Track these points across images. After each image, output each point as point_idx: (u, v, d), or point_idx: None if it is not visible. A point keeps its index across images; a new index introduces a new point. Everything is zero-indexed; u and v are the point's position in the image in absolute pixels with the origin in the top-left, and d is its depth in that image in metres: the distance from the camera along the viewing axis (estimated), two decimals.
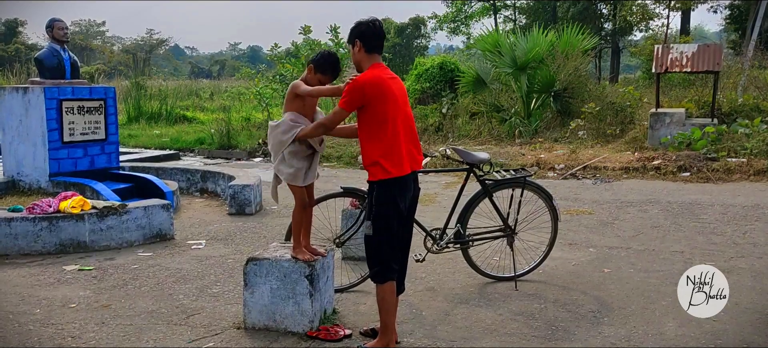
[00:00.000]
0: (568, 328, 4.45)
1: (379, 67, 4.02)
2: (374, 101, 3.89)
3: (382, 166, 3.91)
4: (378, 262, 4.04)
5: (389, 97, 3.92)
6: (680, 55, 13.03)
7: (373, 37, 4.02)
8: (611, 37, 33.62)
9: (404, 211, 4.06)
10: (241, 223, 7.72)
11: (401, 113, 4.01)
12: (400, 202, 3.99)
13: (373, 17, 4.09)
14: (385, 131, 3.91)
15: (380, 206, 3.98)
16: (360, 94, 3.87)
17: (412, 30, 44.07)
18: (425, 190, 10.02)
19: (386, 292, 4.04)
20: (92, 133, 8.56)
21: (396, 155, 3.93)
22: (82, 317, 4.64)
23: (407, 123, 4.06)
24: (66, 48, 8.55)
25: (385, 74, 4.00)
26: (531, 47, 15.70)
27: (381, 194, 3.97)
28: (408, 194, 4.07)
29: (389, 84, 3.95)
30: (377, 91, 3.88)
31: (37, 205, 6.49)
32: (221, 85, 35.05)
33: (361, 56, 4.04)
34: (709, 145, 11.39)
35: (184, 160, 14.57)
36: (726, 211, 8.02)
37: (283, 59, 17.75)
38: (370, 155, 3.94)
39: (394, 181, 3.94)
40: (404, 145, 3.99)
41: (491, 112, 16.35)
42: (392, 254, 4.06)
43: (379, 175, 3.93)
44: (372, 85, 3.88)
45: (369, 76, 3.91)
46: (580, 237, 6.95)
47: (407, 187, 4.04)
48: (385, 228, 3.99)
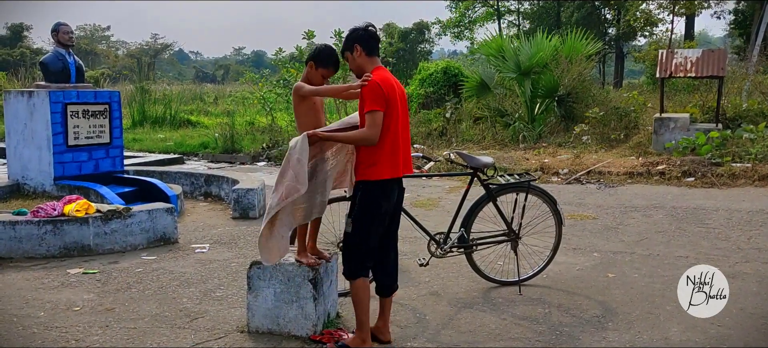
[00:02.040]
0: (572, 333, 4.43)
1: (383, 69, 4.04)
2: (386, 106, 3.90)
3: (377, 168, 3.93)
4: (352, 260, 4.06)
5: (394, 102, 3.94)
6: (684, 60, 13.02)
7: (371, 39, 4.04)
8: (615, 42, 33.63)
9: (388, 212, 4.09)
10: (245, 227, 7.73)
11: (402, 118, 4.04)
12: (384, 203, 4.02)
13: (368, 22, 4.11)
14: (387, 134, 3.91)
15: (365, 206, 4.00)
16: (383, 94, 3.86)
17: (415, 35, 44.10)
18: (429, 194, 10.02)
19: (359, 288, 4.06)
20: (97, 136, 8.58)
21: (393, 159, 3.97)
22: (86, 320, 4.64)
23: (405, 126, 4.10)
24: (71, 52, 8.58)
25: (390, 77, 4.02)
26: (535, 52, 15.70)
27: (368, 194, 3.99)
28: (394, 196, 4.09)
29: (393, 87, 3.97)
30: (389, 94, 3.90)
31: (41, 208, 6.51)
32: (225, 89, 35.16)
33: (362, 60, 4.03)
34: (714, 150, 11.36)
35: (188, 164, 14.60)
36: (731, 217, 8.00)
37: (286, 64, 17.78)
38: (371, 156, 3.94)
39: (384, 183, 3.97)
40: (401, 149, 4.03)
41: (495, 116, 16.34)
42: (368, 253, 4.09)
43: (372, 175, 3.94)
44: (386, 87, 3.89)
45: (381, 78, 3.91)
46: (585, 242, 6.94)
47: (393, 189, 4.07)
48: (366, 228, 4.02)
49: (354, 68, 4.08)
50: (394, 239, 4.33)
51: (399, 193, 4.18)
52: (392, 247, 4.31)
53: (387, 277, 4.28)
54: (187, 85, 38.12)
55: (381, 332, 4.22)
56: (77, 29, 70.52)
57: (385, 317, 4.25)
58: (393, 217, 4.22)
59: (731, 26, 32.13)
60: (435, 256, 5.27)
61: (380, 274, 4.27)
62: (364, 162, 3.98)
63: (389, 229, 4.21)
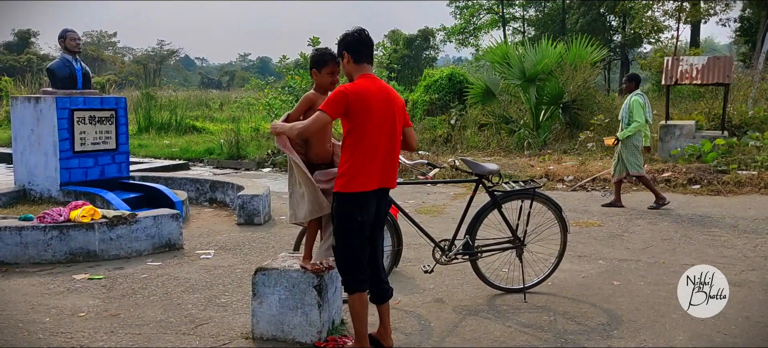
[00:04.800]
0: (577, 341, 4.42)
1: (367, 77, 3.93)
2: (356, 114, 3.81)
3: (346, 180, 3.85)
4: (346, 273, 4.02)
5: (373, 111, 3.82)
6: (690, 67, 13.00)
7: (360, 45, 3.95)
8: (620, 49, 33.61)
9: (366, 223, 3.97)
10: (250, 233, 7.74)
11: (386, 129, 3.91)
12: (358, 215, 3.91)
13: (360, 27, 4.02)
14: (360, 146, 3.83)
15: (339, 219, 3.95)
16: (343, 102, 3.78)
17: (421, 42, 44.19)
18: (434, 200, 10.02)
19: (354, 301, 4.00)
20: (103, 142, 8.62)
21: (365, 171, 3.85)
22: (92, 326, 4.65)
23: (391, 138, 3.95)
24: (78, 58, 8.63)
25: (374, 86, 3.90)
26: (540, 59, 15.71)
27: (339, 207, 3.94)
28: (370, 208, 3.97)
29: (374, 97, 3.85)
30: (360, 104, 3.80)
31: (47, 214, 6.53)
32: (231, 95, 35.22)
33: (350, 67, 3.98)
34: (720, 158, 11.33)
35: (193, 170, 14.63)
36: (737, 224, 7.97)
37: (291, 70, 17.86)
38: (342, 165, 3.90)
39: (353, 196, 3.87)
40: (378, 162, 3.90)
41: (500, 123, 16.35)
42: (358, 266, 4.00)
43: (344, 188, 3.87)
44: (356, 96, 3.80)
45: (355, 87, 3.84)
46: (590, 249, 6.92)
47: (368, 202, 3.94)
48: (347, 240, 3.96)
49: (345, 74, 4.05)
50: (380, 248, 4.23)
51: (380, 205, 4.06)
52: (379, 255, 4.21)
53: (375, 283, 4.17)
54: (193, 91, 38.29)
55: (383, 338, 4.18)
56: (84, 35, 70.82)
57: (384, 323, 4.19)
58: (375, 228, 4.11)
59: (737, 33, 32.07)
60: (440, 263, 5.27)
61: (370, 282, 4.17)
62: (339, 173, 3.92)
63: (372, 238, 4.11)
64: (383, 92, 3.94)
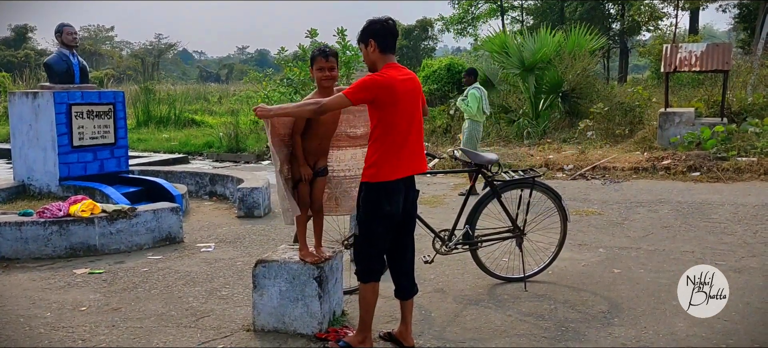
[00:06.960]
0: (578, 328, 4.43)
1: (393, 67, 3.91)
2: (383, 105, 3.79)
3: (375, 169, 3.84)
4: (361, 262, 4.00)
5: (399, 101, 3.81)
6: (689, 54, 12.97)
7: (388, 35, 3.91)
8: (619, 37, 33.52)
9: (395, 214, 3.94)
10: (250, 226, 7.74)
11: (412, 117, 3.91)
12: (386, 205, 3.89)
13: (387, 16, 3.99)
14: (389, 137, 3.82)
15: (366, 208, 3.93)
16: (371, 94, 3.76)
17: (419, 32, 44.10)
18: (433, 191, 10.02)
19: (367, 291, 3.98)
20: (102, 137, 8.60)
21: (393, 160, 3.85)
22: (93, 320, 4.66)
23: (416, 125, 3.96)
24: (75, 53, 8.60)
25: (399, 75, 3.87)
26: (538, 48, 15.68)
27: (367, 196, 3.91)
28: (398, 198, 3.95)
29: (402, 87, 3.84)
30: (388, 96, 3.77)
31: (47, 209, 6.53)
32: (229, 88, 35.18)
33: (375, 56, 3.93)
34: (719, 145, 11.32)
35: (192, 164, 14.64)
36: (736, 211, 7.97)
37: (290, 63, 17.79)
38: (371, 156, 3.88)
39: (382, 185, 3.86)
40: (407, 150, 3.90)
41: (499, 113, 16.32)
42: (376, 257, 3.99)
43: (372, 177, 3.86)
44: (384, 88, 3.77)
45: (383, 78, 3.79)
46: (590, 237, 6.92)
47: (397, 191, 3.92)
48: (371, 230, 3.93)
49: (367, 62, 3.99)
50: (411, 241, 4.19)
51: (408, 194, 4.03)
52: (409, 248, 4.17)
53: (403, 278, 4.14)
54: (191, 85, 38.25)
55: (403, 337, 4.13)
56: (81, 30, 70.71)
57: (406, 322, 4.13)
58: (406, 218, 4.07)
59: (736, 20, 31.97)
60: (440, 253, 5.27)
61: (396, 275, 4.16)
62: (366, 163, 3.91)
63: (404, 230, 4.09)
64: (410, 81, 3.94)
